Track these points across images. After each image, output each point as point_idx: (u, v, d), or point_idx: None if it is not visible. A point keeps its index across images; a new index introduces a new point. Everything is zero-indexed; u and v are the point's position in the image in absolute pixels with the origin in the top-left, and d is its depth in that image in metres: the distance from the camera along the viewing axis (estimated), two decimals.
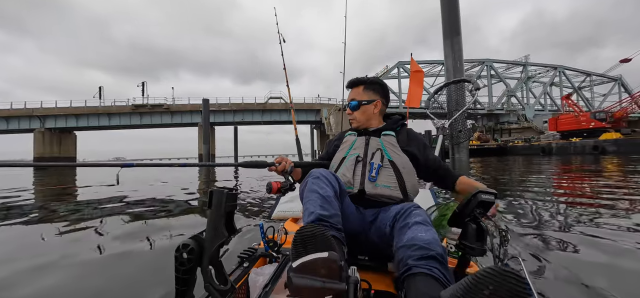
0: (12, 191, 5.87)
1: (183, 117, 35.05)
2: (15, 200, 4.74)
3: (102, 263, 1.94)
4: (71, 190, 6.20)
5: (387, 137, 1.27)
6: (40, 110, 33.43)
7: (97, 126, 35.14)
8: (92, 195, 5.13)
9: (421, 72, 3.03)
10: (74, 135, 37.01)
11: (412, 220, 0.93)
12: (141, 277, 1.70)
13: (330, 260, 0.68)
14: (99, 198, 4.75)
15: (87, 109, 34.16)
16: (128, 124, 35.27)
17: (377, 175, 1.16)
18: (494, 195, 0.86)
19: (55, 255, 2.06)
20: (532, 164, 11.72)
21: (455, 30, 14.79)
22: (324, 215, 0.93)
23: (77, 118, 34.01)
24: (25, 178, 9.14)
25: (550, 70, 43.27)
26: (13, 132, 34.95)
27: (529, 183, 5.68)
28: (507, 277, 0.52)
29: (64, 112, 33.72)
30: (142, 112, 34.38)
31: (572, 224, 2.61)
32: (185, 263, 0.70)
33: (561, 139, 26.26)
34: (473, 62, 41.35)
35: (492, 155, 24.73)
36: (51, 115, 33.53)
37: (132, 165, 1.08)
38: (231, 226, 0.78)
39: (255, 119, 35.40)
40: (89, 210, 3.74)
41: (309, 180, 1.03)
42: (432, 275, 0.78)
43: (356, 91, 1.34)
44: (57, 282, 1.65)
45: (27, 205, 4.31)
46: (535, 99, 42.01)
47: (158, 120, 35.04)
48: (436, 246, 0.84)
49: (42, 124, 33.34)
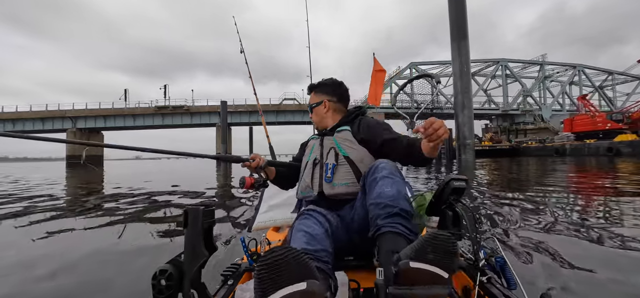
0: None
1: (202, 117, 36.78)
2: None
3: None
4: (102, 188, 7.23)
5: (341, 132, 1.25)
6: (72, 111, 36.00)
7: (123, 126, 37.49)
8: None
9: (383, 72, 3.11)
10: (101, 135, 39.48)
11: (379, 174, 0.96)
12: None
13: (309, 293, 0.56)
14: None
15: (114, 110, 36.49)
16: (151, 125, 37.41)
17: (333, 175, 1.14)
18: (465, 181, 0.89)
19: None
20: (542, 165, 11.70)
21: (463, 33, 15.31)
22: (308, 249, 0.84)
23: (105, 119, 36.41)
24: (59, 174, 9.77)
25: (569, 69, 42.22)
26: (48, 132, 37.76)
27: (526, 185, 5.67)
28: (440, 237, 0.67)
29: (93, 113, 36.17)
30: (164, 113, 36.39)
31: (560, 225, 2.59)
32: (164, 291, 0.66)
33: (575, 140, 25.92)
34: (487, 62, 40.93)
35: (504, 156, 24.61)
36: (82, 116, 36.05)
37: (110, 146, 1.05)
38: (210, 244, 0.74)
39: (270, 120, 36.64)
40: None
41: (296, 221, 0.97)
42: (397, 232, 0.86)
43: (311, 97, 1.38)
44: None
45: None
46: (553, 98, 41.14)
47: (179, 121, 36.97)
48: (401, 200, 0.90)
49: (74, 124, 35.89)
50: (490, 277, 0.88)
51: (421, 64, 39.05)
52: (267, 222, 1.75)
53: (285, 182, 1.44)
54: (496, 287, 0.84)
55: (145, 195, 5.44)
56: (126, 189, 6.34)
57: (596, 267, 1.58)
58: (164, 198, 5.03)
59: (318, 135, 1.34)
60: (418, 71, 38.34)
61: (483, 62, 41.15)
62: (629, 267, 1.64)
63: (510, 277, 0.90)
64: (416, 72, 38.22)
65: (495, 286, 0.84)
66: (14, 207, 4.41)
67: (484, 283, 0.85)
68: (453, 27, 15.70)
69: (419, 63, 38.96)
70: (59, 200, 5.03)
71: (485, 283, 0.86)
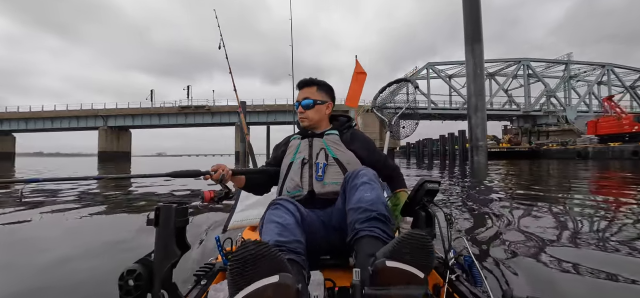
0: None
1: (222, 117, 38.37)
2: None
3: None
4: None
5: (330, 136, 1.28)
6: (104, 110, 38.58)
7: (149, 125, 39.73)
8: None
9: (364, 75, 3.03)
10: (129, 133, 42.05)
11: (360, 180, 0.99)
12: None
13: (282, 286, 0.57)
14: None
15: (142, 109, 38.80)
16: (175, 123, 39.44)
17: (324, 174, 1.17)
18: (438, 183, 0.93)
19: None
20: (557, 169, 11.31)
21: (477, 37, 15.41)
22: (280, 241, 0.85)
23: (133, 118, 38.76)
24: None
25: (597, 68, 40.38)
26: (82, 129, 40.69)
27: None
28: (416, 236, 0.70)
29: (122, 112, 38.61)
30: (187, 112, 38.29)
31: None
32: (132, 292, 0.63)
33: (599, 143, 25.02)
34: (507, 61, 39.91)
35: (522, 159, 23.93)
36: (112, 115, 38.58)
37: (38, 180, 0.98)
38: (183, 243, 0.72)
39: (287, 119, 37.59)
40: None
41: (267, 212, 0.98)
42: (374, 236, 0.88)
43: (309, 90, 1.32)
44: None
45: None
46: (580, 98, 39.51)
47: (200, 120, 38.79)
48: (379, 205, 0.93)
49: (105, 123, 38.45)
50: (458, 275, 0.93)
51: (438, 64, 38.70)
52: (243, 221, 1.72)
53: (258, 188, 1.39)
54: (464, 284, 0.89)
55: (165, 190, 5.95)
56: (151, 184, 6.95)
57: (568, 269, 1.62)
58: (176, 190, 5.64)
59: (301, 136, 1.34)
60: (435, 71, 38.03)
61: (503, 61, 40.16)
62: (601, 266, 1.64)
63: (477, 275, 0.94)
64: (433, 72, 37.95)
65: (462, 283, 0.89)
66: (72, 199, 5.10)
67: (453, 281, 0.90)
68: (467, 30, 15.82)
69: (437, 63, 38.62)
70: (90, 193, 5.61)
71: (454, 281, 0.90)
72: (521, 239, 2.16)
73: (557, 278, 1.53)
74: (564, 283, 1.48)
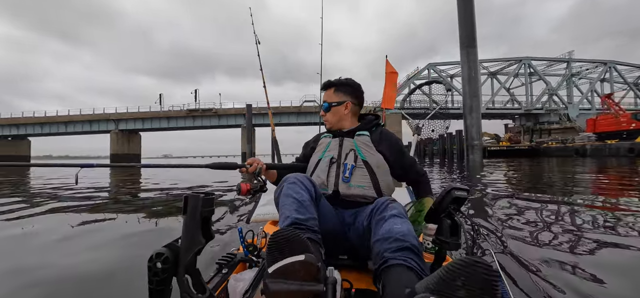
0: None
1: (228, 119, 39.51)
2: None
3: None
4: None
5: (361, 137, 1.27)
6: (115, 114, 40.00)
7: (158, 128, 41.09)
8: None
9: (395, 74, 3.07)
10: (139, 136, 43.45)
11: (388, 213, 0.95)
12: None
13: (307, 263, 0.68)
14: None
15: (151, 113, 40.16)
16: (183, 126, 40.75)
17: (351, 176, 1.17)
18: (467, 191, 0.90)
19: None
20: (552, 167, 11.32)
21: (471, 41, 16.20)
22: (299, 218, 0.93)
23: (143, 121, 40.12)
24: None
25: (599, 65, 40.60)
26: (94, 133, 42.20)
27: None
28: (478, 267, 0.53)
29: (133, 116, 40.01)
30: (194, 115, 39.52)
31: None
32: (159, 274, 0.68)
33: (596, 140, 25.49)
34: (508, 60, 40.33)
35: (522, 157, 24.42)
36: (123, 119, 39.97)
37: (92, 165, 1.09)
38: (208, 232, 0.76)
39: (291, 121, 38.57)
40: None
41: (284, 185, 1.03)
42: (408, 266, 0.80)
43: (328, 93, 1.35)
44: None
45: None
46: (582, 95, 39.70)
47: (207, 123, 40.00)
48: (411, 237, 0.87)
49: (116, 126, 39.88)
50: None
51: (439, 64, 39.31)
52: (265, 215, 1.76)
53: None
54: None
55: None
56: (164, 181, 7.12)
57: (605, 279, 1.46)
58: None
59: (332, 135, 1.34)
60: (436, 71, 38.66)
61: (504, 60, 40.59)
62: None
63: (504, 290, 0.89)
64: (434, 72, 38.58)
65: None
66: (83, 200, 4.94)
67: None
68: (462, 35, 16.58)
69: (438, 63, 39.24)
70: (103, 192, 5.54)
71: None
72: (549, 248, 1.97)
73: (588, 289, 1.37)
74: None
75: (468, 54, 16.21)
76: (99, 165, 1.08)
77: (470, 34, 16.25)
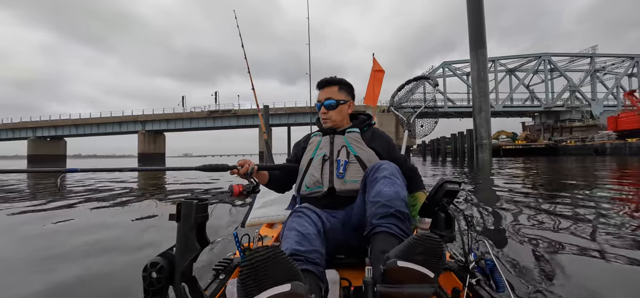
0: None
1: (247, 119, 41.24)
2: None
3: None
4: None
5: (351, 134, 1.30)
6: (142, 116, 42.72)
7: (181, 128, 43.47)
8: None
9: (382, 72, 3.07)
10: (163, 136, 46.09)
11: (380, 174, 0.99)
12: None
13: (294, 296, 0.56)
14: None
15: (175, 114, 42.63)
16: (204, 126, 42.88)
17: (345, 172, 1.18)
18: (458, 184, 0.92)
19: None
20: (569, 166, 10.99)
21: (480, 43, 16.62)
22: (299, 250, 0.84)
23: (168, 122, 42.62)
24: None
25: (626, 60, 38.93)
26: (123, 134, 45.24)
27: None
28: (429, 239, 0.71)
29: (158, 117, 42.59)
30: (215, 116, 41.54)
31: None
32: (154, 283, 0.67)
33: (617, 138, 24.83)
34: (527, 57, 39.43)
35: (539, 156, 24.24)
36: (149, 120, 42.61)
37: (76, 170, 1.04)
38: (203, 238, 0.75)
39: (307, 121, 39.62)
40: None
41: (289, 218, 0.99)
42: (390, 232, 0.88)
43: (331, 90, 1.33)
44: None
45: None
46: (607, 91, 38.24)
47: (227, 123, 41.96)
48: (397, 202, 0.93)
49: (143, 127, 42.56)
50: (479, 280, 0.90)
51: (455, 63, 39.09)
52: (260, 218, 1.75)
53: (279, 185, 1.40)
54: (485, 289, 0.86)
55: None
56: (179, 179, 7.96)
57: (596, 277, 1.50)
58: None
59: (322, 133, 1.36)
60: (451, 70, 38.49)
61: (523, 57, 39.77)
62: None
63: (500, 280, 0.89)
64: (449, 70, 38.43)
65: (484, 288, 0.86)
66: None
67: (473, 286, 0.87)
68: (471, 37, 17.02)
69: (453, 62, 39.03)
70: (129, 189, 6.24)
71: (474, 285, 0.87)
72: (546, 241, 2.03)
73: (587, 284, 1.40)
74: (597, 288, 1.37)
75: (477, 55, 16.63)
76: (83, 170, 1.06)
77: (479, 36, 16.65)
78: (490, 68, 39.01)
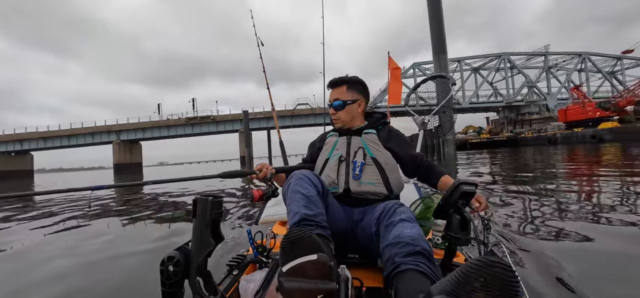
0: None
1: (226, 125, 41.35)
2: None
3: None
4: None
5: (368, 135, 1.29)
6: (116, 126, 41.62)
7: (159, 136, 42.79)
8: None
9: (399, 69, 3.05)
10: (139, 145, 45.07)
11: (397, 217, 0.94)
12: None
13: (319, 262, 0.68)
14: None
15: (151, 123, 41.87)
16: (182, 134, 42.50)
17: (361, 173, 1.18)
18: (475, 186, 0.89)
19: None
20: (523, 156, 12.56)
21: (442, 48, 18.32)
22: (308, 214, 0.94)
23: (144, 131, 41.80)
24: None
25: (575, 57, 42.99)
26: (97, 144, 43.80)
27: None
28: (495, 268, 0.51)
29: (133, 126, 41.66)
30: (193, 123, 41.29)
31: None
32: (171, 277, 0.70)
33: (565, 129, 27.70)
34: (489, 56, 42.52)
35: (501, 147, 26.59)
36: (124, 129, 41.60)
37: (102, 187, 1.10)
38: (217, 234, 0.77)
39: (286, 124, 40.44)
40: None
41: (291, 181, 1.05)
42: (419, 271, 0.79)
43: (339, 91, 1.33)
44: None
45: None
46: (560, 85, 42.01)
47: (206, 129, 41.81)
48: (421, 241, 0.85)
49: (118, 137, 41.48)
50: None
51: (424, 64, 41.36)
52: (274, 216, 1.78)
53: None
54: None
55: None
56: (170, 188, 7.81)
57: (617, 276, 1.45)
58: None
59: (338, 133, 1.35)
60: (421, 70, 40.71)
61: (485, 57, 42.81)
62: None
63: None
64: (419, 71, 40.65)
65: None
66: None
67: None
68: (434, 43, 18.68)
69: (422, 62, 41.27)
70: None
71: None
72: (565, 242, 1.96)
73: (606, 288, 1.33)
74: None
75: (440, 60, 18.32)
76: (109, 186, 1.12)
77: (441, 42, 18.34)
78: (457, 68, 41.84)
